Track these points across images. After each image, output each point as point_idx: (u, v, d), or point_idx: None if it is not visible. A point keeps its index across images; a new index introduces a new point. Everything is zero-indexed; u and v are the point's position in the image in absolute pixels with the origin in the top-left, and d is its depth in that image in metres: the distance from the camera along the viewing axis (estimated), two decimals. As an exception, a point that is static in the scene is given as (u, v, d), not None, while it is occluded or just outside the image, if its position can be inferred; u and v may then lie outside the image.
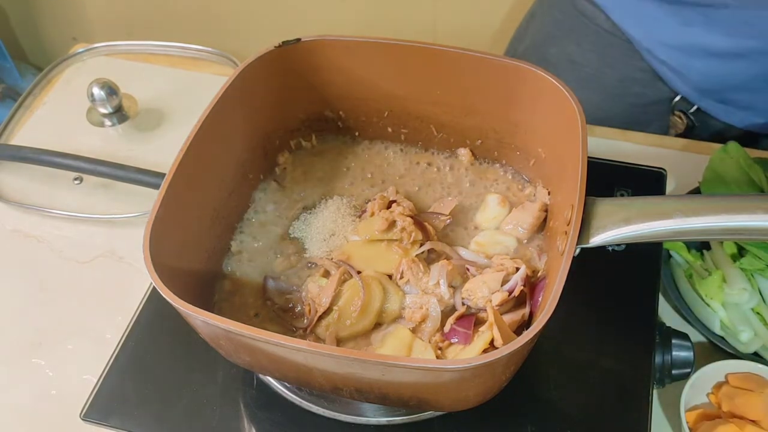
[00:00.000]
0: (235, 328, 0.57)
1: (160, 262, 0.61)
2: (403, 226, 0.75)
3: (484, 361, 0.53)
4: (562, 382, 0.77)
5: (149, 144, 1.10)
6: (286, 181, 0.85)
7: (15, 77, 2.11)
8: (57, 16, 2.23)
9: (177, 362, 0.80)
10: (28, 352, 0.88)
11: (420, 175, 0.85)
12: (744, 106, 1.04)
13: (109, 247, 0.97)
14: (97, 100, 1.08)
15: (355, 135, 0.88)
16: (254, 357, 0.64)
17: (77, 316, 0.91)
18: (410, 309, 0.71)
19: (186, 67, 1.21)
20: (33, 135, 1.12)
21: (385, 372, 0.57)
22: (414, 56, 0.77)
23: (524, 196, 0.81)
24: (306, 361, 0.59)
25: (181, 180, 0.68)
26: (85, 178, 1.04)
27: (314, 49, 0.79)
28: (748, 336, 0.81)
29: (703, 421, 0.75)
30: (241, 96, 0.76)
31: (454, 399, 0.65)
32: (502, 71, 0.74)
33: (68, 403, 0.81)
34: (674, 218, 0.60)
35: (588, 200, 0.63)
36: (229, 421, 0.75)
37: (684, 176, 0.96)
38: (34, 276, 0.95)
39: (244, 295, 0.76)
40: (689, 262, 0.88)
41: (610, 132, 1.06)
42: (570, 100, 0.69)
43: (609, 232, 0.62)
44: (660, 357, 0.76)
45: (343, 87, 0.82)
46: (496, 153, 0.84)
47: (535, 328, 0.55)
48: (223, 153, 0.76)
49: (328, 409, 0.75)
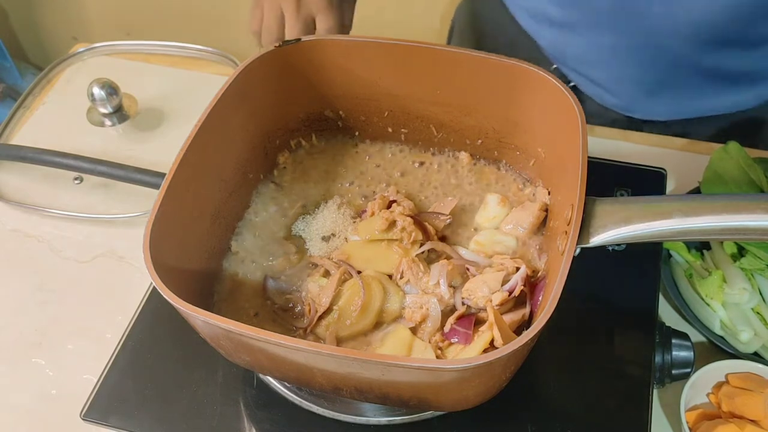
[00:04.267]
0: (235, 328, 0.57)
1: (160, 262, 0.61)
2: (403, 226, 0.75)
3: (484, 361, 0.54)
4: (562, 381, 0.77)
5: (149, 144, 1.10)
6: (286, 180, 0.85)
7: (15, 77, 2.12)
8: (57, 16, 2.23)
9: (177, 362, 0.80)
10: (28, 352, 0.88)
11: (420, 174, 0.85)
12: (593, 80, 1.04)
13: (109, 246, 0.97)
14: (97, 99, 1.08)
15: (355, 135, 0.88)
16: (254, 357, 0.64)
17: (77, 316, 0.91)
18: (410, 309, 0.71)
19: (186, 66, 1.21)
20: (33, 135, 1.12)
21: (385, 372, 0.57)
22: (414, 56, 0.77)
23: (524, 196, 0.81)
24: (306, 360, 0.59)
25: (181, 180, 0.68)
26: (85, 178, 1.04)
27: (314, 49, 0.79)
28: (748, 336, 0.81)
29: (703, 421, 0.75)
30: (241, 96, 0.76)
31: (454, 399, 0.65)
32: (502, 71, 0.74)
33: (68, 403, 0.81)
34: (674, 218, 0.60)
35: (588, 200, 0.63)
36: (229, 420, 0.76)
37: (684, 176, 0.96)
38: (34, 276, 0.95)
39: (244, 294, 0.76)
40: (689, 261, 0.88)
41: (610, 132, 1.06)
42: (570, 100, 0.69)
43: (609, 232, 0.62)
44: (660, 357, 0.76)
45: (343, 87, 0.82)
46: (496, 153, 0.84)
47: (535, 328, 0.55)
48: (223, 153, 0.76)
49: (329, 409, 0.75)
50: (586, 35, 0.97)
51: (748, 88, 1.00)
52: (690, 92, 1.00)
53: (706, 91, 1.00)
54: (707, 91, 1.00)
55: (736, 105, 1.02)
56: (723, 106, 1.02)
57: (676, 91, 1.01)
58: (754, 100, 1.02)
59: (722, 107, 1.03)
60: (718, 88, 1.00)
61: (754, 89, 1.00)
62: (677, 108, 1.04)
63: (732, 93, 1.00)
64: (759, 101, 1.02)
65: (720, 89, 1.00)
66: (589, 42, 0.98)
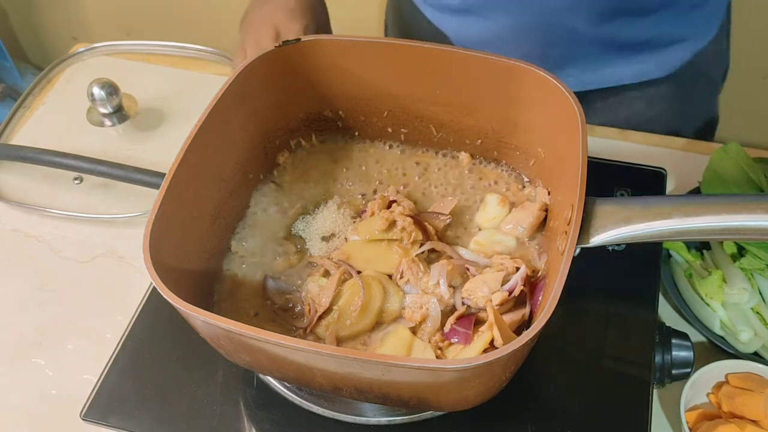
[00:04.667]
0: (235, 328, 0.57)
1: (160, 262, 0.61)
2: (403, 226, 0.75)
3: (484, 361, 0.53)
4: (562, 381, 0.77)
5: (149, 144, 1.10)
6: (286, 180, 0.85)
7: (15, 77, 2.12)
8: (57, 16, 2.23)
9: (177, 362, 0.80)
10: (28, 352, 0.88)
11: (420, 174, 0.85)
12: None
13: (109, 246, 0.97)
14: (97, 99, 1.08)
15: (354, 135, 0.88)
16: (254, 357, 0.64)
17: (77, 316, 0.91)
18: (410, 309, 0.71)
19: (186, 66, 1.21)
20: (33, 135, 1.12)
21: (385, 372, 0.57)
22: (413, 56, 0.77)
23: (524, 196, 0.81)
24: (306, 360, 0.59)
25: (181, 180, 0.68)
26: (85, 178, 1.04)
27: (314, 49, 0.79)
28: (748, 336, 0.81)
29: (703, 421, 0.75)
30: (241, 96, 0.76)
31: (454, 399, 0.65)
32: (502, 71, 0.74)
33: (68, 403, 0.81)
34: (674, 218, 0.60)
35: (588, 200, 0.63)
36: (229, 420, 0.76)
37: (684, 176, 0.96)
38: (34, 276, 0.95)
39: (244, 294, 0.76)
40: (689, 261, 0.88)
41: (610, 132, 1.06)
42: (570, 100, 0.69)
43: (609, 232, 0.62)
44: (660, 357, 0.76)
45: (343, 86, 0.82)
46: (495, 153, 0.84)
47: (535, 328, 0.55)
48: (223, 153, 0.76)
49: (329, 409, 0.75)
50: (486, 19, 1.01)
51: (648, 56, 1.04)
52: (593, 63, 1.05)
53: (609, 62, 1.05)
54: (610, 62, 1.05)
55: (641, 74, 1.07)
56: (628, 75, 1.07)
57: (581, 63, 1.05)
58: (658, 71, 1.06)
59: (627, 77, 1.07)
60: (619, 57, 1.04)
61: (653, 57, 1.04)
62: (585, 79, 1.07)
63: (634, 62, 1.05)
64: (663, 72, 1.06)
65: (621, 59, 1.04)
66: (490, 25, 1.01)
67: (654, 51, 1.04)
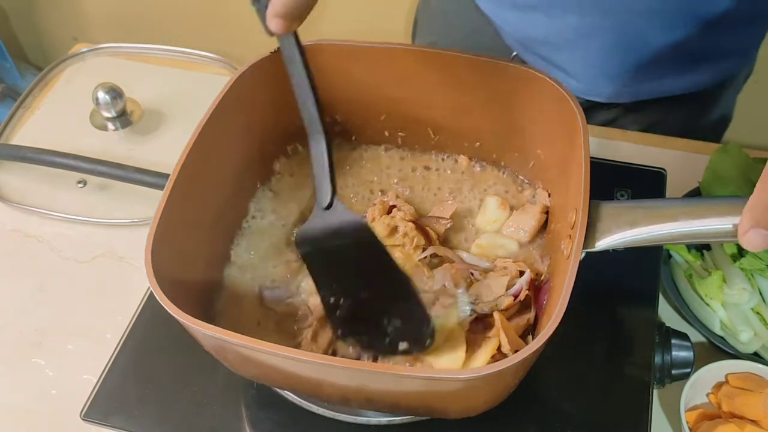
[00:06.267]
0: (236, 340, 0.56)
1: (162, 275, 0.61)
2: (405, 231, 0.74)
3: (495, 369, 0.53)
4: (562, 382, 0.77)
5: (149, 144, 1.09)
6: (284, 187, 0.84)
7: (15, 77, 2.12)
8: (57, 16, 2.23)
9: (177, 362, 0.80)
10: (28, 352, 0.88)
11: (419, 178, 0.85)
12: (557, 65, 1.03)
13: (109, 246, 0.97)
14: (101, 104, 1.08)
15: (352, 139, 0.87)
16: (261, 370, 0.63)
17: (77, 316, 0.91)
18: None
19: (186, 67, 1.21)
20: (33, 135, 1.12)
21: (397, 382, 0.56)
22: (411, 59, 0.76)
23: (524, 198, 0.81)
24: (315, 373, 0.59)
25: (180, 190, 0.67)
26: (87, 182, 1.04)
27: (311, 53, 0.78)
28: (748, 336, 0.81)
29: (703, 421, 0.75)
30: (238, 102, 0.75)
31: (463, 407, 0.65)
32: (501, 73, 0.74)
33: (68, 403, 0.81)
34: (680, 221, 0.59)
35: (592, 203, 0.62)
36: (230, 421, 0.75)
37: (684, 176, 0.96)
38: (34, 276, 0.95)
39: (245, 304, 0.75)
40: (689, 262, 0.88)
41: (610, 132, 1.06)
42: (570, 102, 0.68)
43: (614, 236, 0.61)
44: (660, 357, 0.76)
45: (340, 91, 0.82)
46: (494, 155, 0.84)
47: (545, 335, 0.54)
48: (221, 160, 0.75)
49: (329, 409, 0.75)
50: (550, 17, 0.97)
51: (707, 67, 1.01)
52: (651, 73, 1.01)
53: (667, 72, 1.01)
54: (668, 72, 1.01)
55: (694, 85, 1.03)
56: (681, 86, 1.03)
57: (638, 73, 1.01)
58: (706, 82, 1.03)
59: (680, 88, 1.04)
60: (679, 68, 1.00)
61: (711, 69, 1.01)
62: (638, 90, 1.04)
63: (691, 73, 1.01)
64: (711, 84, 1.03)
65: (680, 70, 1.01)
66: (553, 24, 0.98)
67: (710, 62, 1.00)
